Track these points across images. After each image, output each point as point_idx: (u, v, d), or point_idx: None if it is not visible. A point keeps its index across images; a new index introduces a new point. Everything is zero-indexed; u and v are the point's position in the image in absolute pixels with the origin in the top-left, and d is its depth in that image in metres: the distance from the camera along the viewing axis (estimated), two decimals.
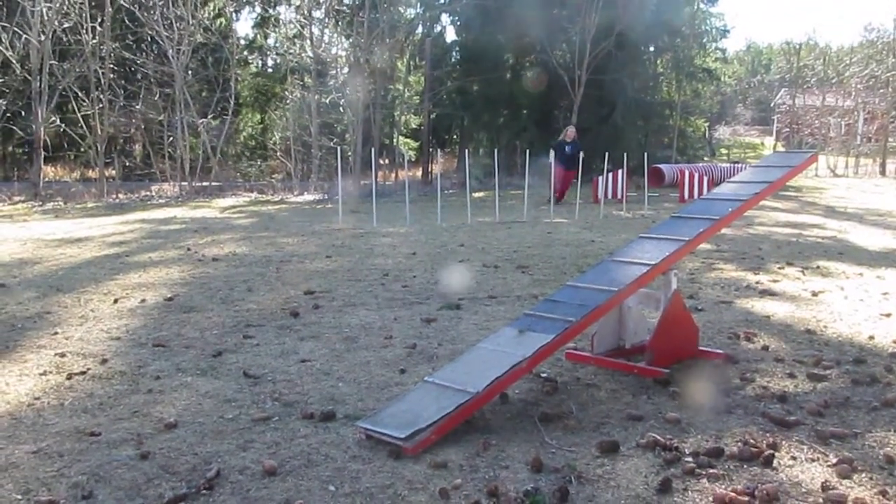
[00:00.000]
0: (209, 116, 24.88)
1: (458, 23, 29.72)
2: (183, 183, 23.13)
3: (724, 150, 42.35)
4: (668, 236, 4.51)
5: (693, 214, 4.72)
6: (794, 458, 3.21)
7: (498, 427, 3.56)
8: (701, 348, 4.67)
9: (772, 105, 53.68)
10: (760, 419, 3.64)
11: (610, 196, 16.75)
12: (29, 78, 21.82)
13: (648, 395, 4.00)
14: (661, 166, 22.74)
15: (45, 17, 21.55)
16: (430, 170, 27.10)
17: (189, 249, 9.40)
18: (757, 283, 7.10)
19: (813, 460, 3.19)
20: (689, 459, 3.16)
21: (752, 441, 3.33)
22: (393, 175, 27.80)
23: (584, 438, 3.43)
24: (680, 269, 6.26)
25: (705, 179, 18.01)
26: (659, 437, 3.34)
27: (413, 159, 31.10)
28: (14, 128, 24.19)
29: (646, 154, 18.31)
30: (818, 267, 8.04)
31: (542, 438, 3.42)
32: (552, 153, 16.32)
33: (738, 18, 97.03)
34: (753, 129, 57.64)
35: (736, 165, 24.22)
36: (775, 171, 4.99)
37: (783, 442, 3.35)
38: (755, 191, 4.75)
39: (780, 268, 7.95)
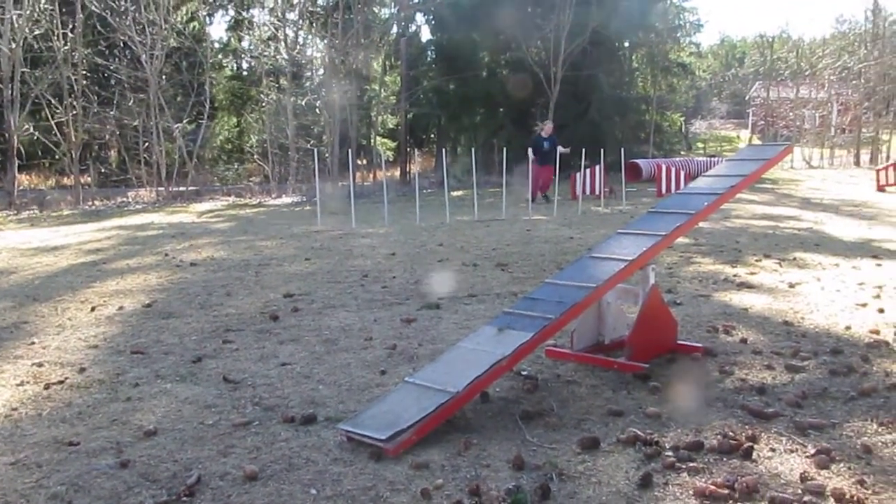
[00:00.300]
0: (185, 121, 24.73)
1: (433, 22, 29.74)
2: (159, 188, 22.97)
3: (700, 144, 42.57)
4: (645, 231, 4.53)
5: (670, 209, 4.75)
6: (773, 449, 3.23)
7: (479, 426, 3.57)
8: (680, 342, 4.70)
9: (746, 98, 54.02)
10: (739, 412, 3.66)
11: (588, 192, 16.81)
12: (0, 86, 21.61)
13: (628, 390, 4.02)
14: (639, 161, 22.84)
15: (16, 25, 21.35)
16: (408, 170, 27.09)
17: (167, 255, 9.34)
18: (734, 275, 7.15)
19: (792, 451, 3.21)
20: (670, 454, 3.18)
21: (731, 434, 3.36)
22: (371, 176, 27.76)
23: (564, 435, 3.44)
24: (658, 264, 6.28)
25: (682, 174, 18.13)
26: (639, 432, 3.35)
27: (391, 159, 31.09)
28: None
29: (622, 149, 18.37)
30: (795, 258, 8.11)
31: (524, 436, 3.43)
32: (530, 151, 16.34)
33: (712, 13, 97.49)
34: (729, 123, 57.96)
35: (712, 159, 24.37)
36: (750, 164, 5.03)
37: (762, 434, 3.37)
38: (731, 184, 4.78)
39: (757, 260, 8.01)
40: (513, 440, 3.39)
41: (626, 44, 30.63)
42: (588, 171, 16.97)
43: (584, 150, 16.31)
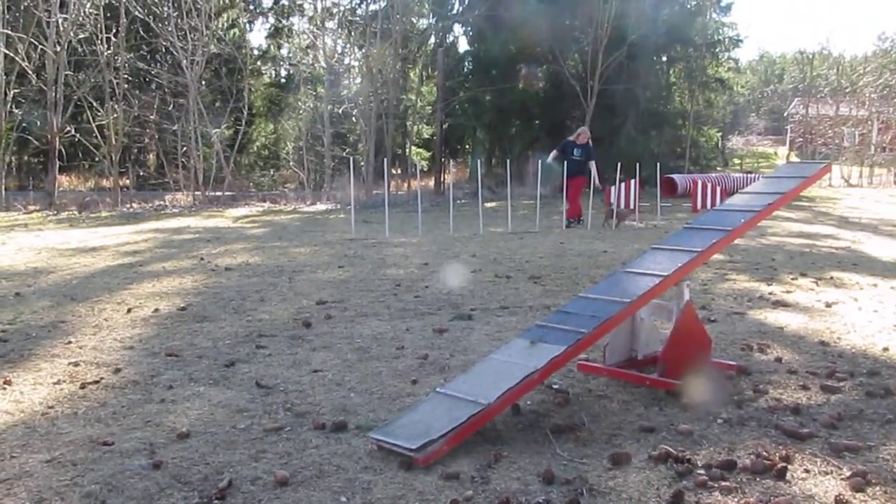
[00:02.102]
0: (222, 126, 25.02)
1: (471, 33, 29.81)
2: (196, 193, 23.24)
3: (737, 160, 42.26)
4: (680, 247, 4.49)
5: (706, 225, 4.71)
6: (807, 470, 3.19)
7: (509, 438, 3.56)
8: (713, 360, 4.65)
9: (785, 115, 53.56)
10: (773, 431, 3.62)
11: (622, 206, 16.72)
12: (44, 88, 22.03)
13: (660, 406, 3.99)
14: (674, 176, 22.70)
15: (61, 28, 21.75)
16: (442, 180, 27.15)
17: (202, 259, 9.44)
18: (770, 293, 7.07)
19: (826, 473, 3.17)
20: (702, 472, 3.14)
21: (764, 453, 3.32)
22: (405, 185, 27.84)
23: (595, 450, 3.42)
24: (692, 280, 6.24)
25: (718, 189, 17.97)
26: (671, 449, 3.32)
27: (425, 169, 31.16)
28: (30, 137, 24.40)
29: (658, 164, 18.27)
30: (832, 278, 8.01)
31: (554, 450, 3.41)
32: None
33: (751, 28, 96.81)
34: (766, 139, 57.49)
35: (749, 175, 24.18)
36: (788, 182, 4.98)
37: (796, 454, 3.33)
38: (768, 201, 4.73)
39: (793, 278, 7.92)
40: (543, 454, 3.38)
41: (664, 58, 30.50)
42: (623, 185, 16.88)
43: (619, 163, 16.25)
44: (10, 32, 21.61)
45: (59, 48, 21.66)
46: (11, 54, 21.48)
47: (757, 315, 6.20)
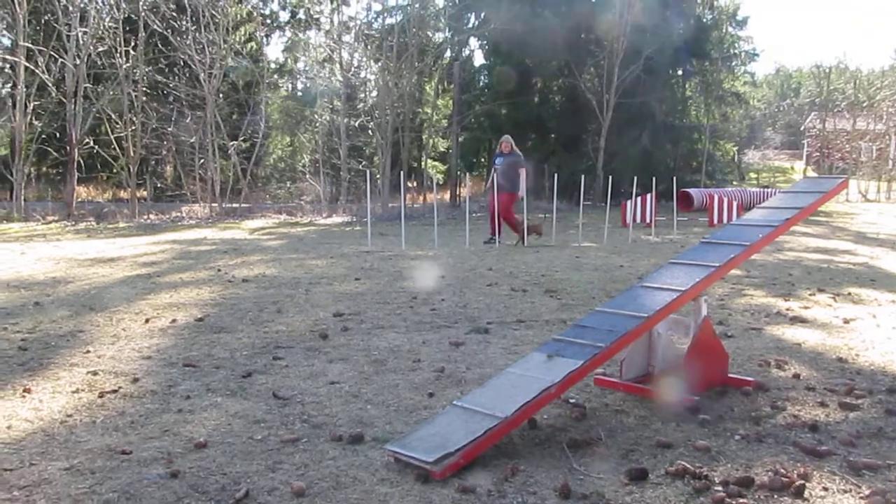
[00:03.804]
0: (239, 139, 25.19)
1: (487, 47, 29.92)
2: (213, 204, 23.39)
3: (753, 175, 42.12)
4: (698, 262, 4.48)
5: (723, 240, 4.70)
6: (825, 488, 3.17)
7: (526, 452, 3.55)
8: (731, 375, 4.63)
9: (802, 129, 53.37)
10: (791, 448, 3.60)
11: (638, 220, 16.71)
12: (64, 101, 22.27)
13: (678, 422, 3.97)
14: (691, 190, 22.66)
15: (81, 42, 22.00)
16: (458, 193, 27.19)
17: (219, 270, 9.48)
18: (787, 309, 7.04)
19: (845, 491, 3.15)
20: (719, 488, 3.13)
21: (782, 471, 3.30)
22: (421, 198, 27.91)
23: (612, 465, 3.41)
24: (709, 295, 6.21)
25: (735, 204, 17.94)
26: (688, 465, 3.31)
27: (441, 182, 31.23)
28: (49, 149, 24.64)
29: (675, 178, 18.25)
30: (849, 294, 7.96)
31: (571, 465, 3.41)
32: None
33: (768, 42, 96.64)
34: (783, 153, 57.30)
35: (766, 190, 24.08)
36: (806, 197, 4.97)
37: (815, 472, 3.31)
38: (786, 216, 4.72)
39: (810, 294, 7.88)
40: (560, 468, 3.37)
41: (680, 72, 30.51)
42: (639, 199, 16.88)
43: (635, 177, 16.24)
44: (30, 45, 21.88)
45: (78, 61, 21.90)
46: (32, 67, 21.73)
47: (774, 331, 6.17)
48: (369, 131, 27.41)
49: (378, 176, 25.25)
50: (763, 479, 3.21)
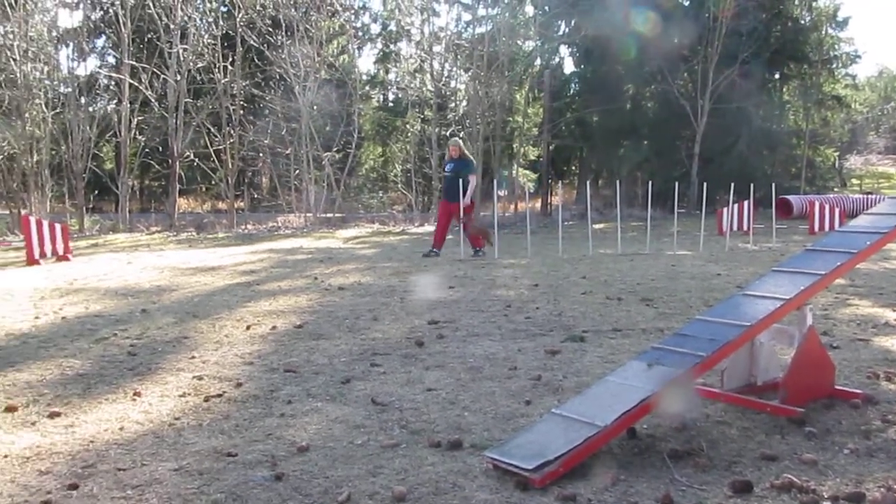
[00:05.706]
0: (333, 150, 25.64)
1: (577, 54, 29.74)
2: (308, 214, 23.84)
3: (855, 181, 40.66)
4: (802, 270, 4.36)
5: (829, 247, 4.55)
6: None
7: (626, 462, 3.51)
8: (837, 387, 4.48)
9: None
10: None
11: (735, 228, 16.32)
12: (166, 115, 23.10)
13: (782, 434, 3.86)
14: (790, 197, 22.04)
15: (182, 58, 22.79)
16: (549, 201, 27.08)
17: (316, 278, 9.67)
18: None
19: None
20: (828, 503, 3.03)
21: (895, 487, 3.17)
22: (512, 206, 27.89)
23: (715, 477, 3.34)
24: (812, 305, 6.03)
25: (836, 211, 17.37)
26: (795, 479, 3.22)
27: (532, 191, 31.15)
28: (152, 162, 25.57)
29: (773, 185, 17.76)
30: None
31: (672, 475, 3.35)
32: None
33: (870, 44, 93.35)
34: (887, 158, 55.10)
35: (870, 196, 23.23)
36: None
37: None
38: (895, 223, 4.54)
39: None
40: (661, 479, 3.32)
41: (777, 75, 29.70)
42: (736, 206, 16.48)
43: (732, 184, 15.88)
44: (134, 63, 22.78)
45: (179, 77, 22.71)
46: (136, 84, 22.61)
47: (883, 342, 5.94)
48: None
49: None
50: (875, 496, 3.09)
